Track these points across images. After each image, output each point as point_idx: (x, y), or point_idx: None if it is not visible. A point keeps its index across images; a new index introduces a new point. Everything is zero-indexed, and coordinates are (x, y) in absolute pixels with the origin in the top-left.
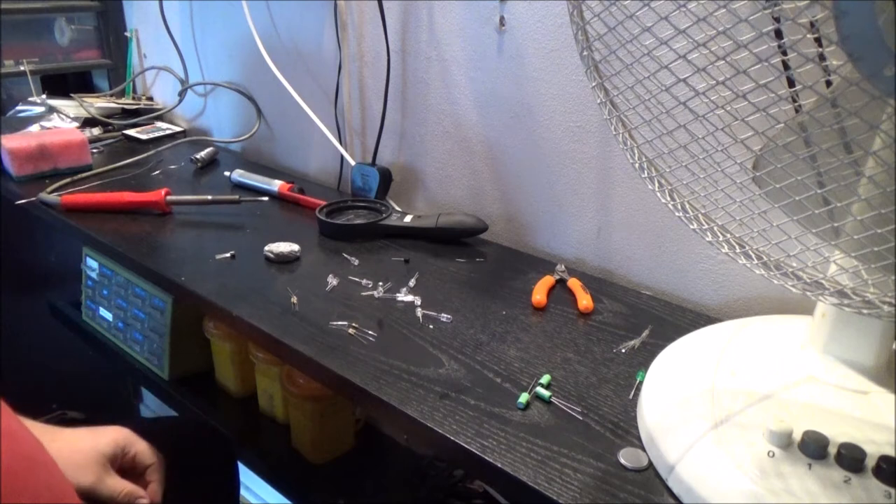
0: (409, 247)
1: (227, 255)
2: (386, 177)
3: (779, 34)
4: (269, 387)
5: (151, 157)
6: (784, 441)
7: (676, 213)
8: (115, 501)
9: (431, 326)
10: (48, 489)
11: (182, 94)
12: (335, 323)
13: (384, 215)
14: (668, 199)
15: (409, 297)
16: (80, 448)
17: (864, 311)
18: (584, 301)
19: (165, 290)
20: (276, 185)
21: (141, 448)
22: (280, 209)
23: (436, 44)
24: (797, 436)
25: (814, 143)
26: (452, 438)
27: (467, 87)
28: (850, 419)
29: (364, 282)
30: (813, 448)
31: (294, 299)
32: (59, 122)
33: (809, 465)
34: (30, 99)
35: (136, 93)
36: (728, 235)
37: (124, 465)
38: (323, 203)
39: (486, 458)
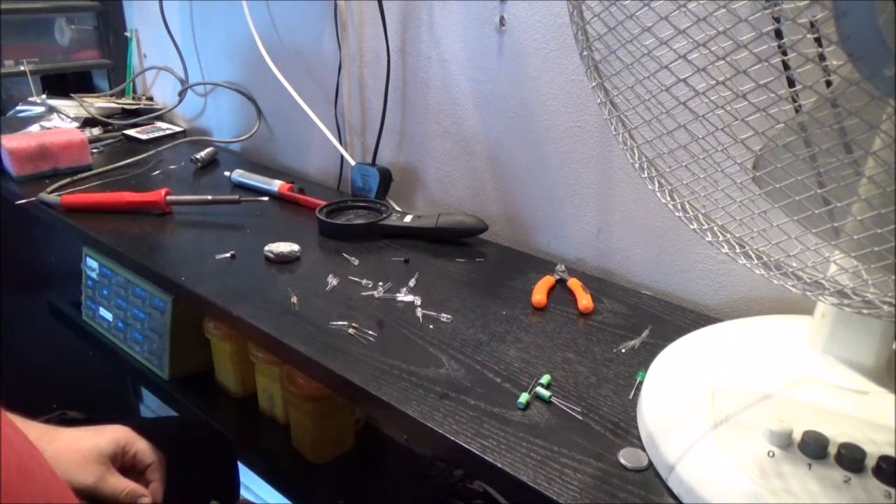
0: (409, 247)
1: (227, 255)
2: (386, 177)
3: (779, 34)
4: (269, 387)
5: (151, 157)
6: (784, 441)
7: (676, 213)
8: (118, 500)
9: (431, 326)
10: (45, 499)
11: (182, 94)
12: (335, 323)
13: (384, 215)
14: (668, 199)
15: (409, 297)
16: (80, 448)
17: (864, 311)
18: (584, 301)
19: (165, 290)
20: (276, 185)
21: (141, 447)
22: (280, 209)
23: (436, 44)
24: (797, 436)
25: (814, 143)
26: (452, 438)
27: (467, 87)
28: (850, 419)
29: (364, 282)
30: (813, 448)
31: (294, 299)
32: (59, 122)
33: (809, 465)
34: (30, 99)
35: (136, 93)
36: (728, 235)
37: (125, 464)
38: (323, 203)
39: (486, 458)
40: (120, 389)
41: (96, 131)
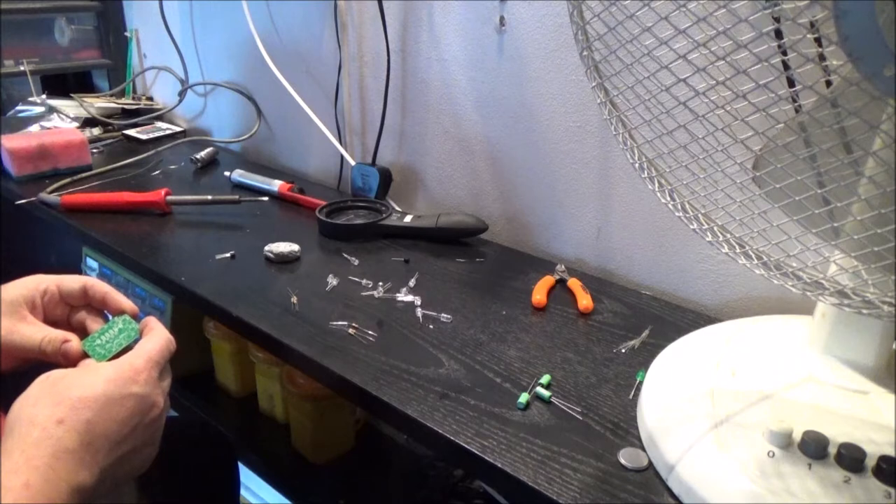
0: (409, 247)
1: (227, 255)
2: (386, 177)
3: (779, 34)
4: (269, 387)
5: (151, 157)
6: (784, 441)
7: (676, 213)
8: (41, 351)
9: (431, 326)
10: None
11: (182, 94)
12: (335, 323)
13: (384, 215)
14: (668, 199)
15: (409, 297)
16: None
17: (864, 311)
18: (584, 301)
19: (165, 290)
20: (276, 185)
21: (69, 285)
22: (280, 209)
23: (436, 44)
24: (797, 436)
25: (814, 143)
26: (452, 438)
27: (467, 87)
28: (850, 419)
29: (364, 282)
30: (813, 448)
31: (294, 299)
32: (59, 122)
33: (809, 465)
34: (30, 99)
35: (136, 93)
36: (728, 235)
37: (76, 304)
38: (323, 203)
39: (486, 458)
40: None
41: (96, 131)
